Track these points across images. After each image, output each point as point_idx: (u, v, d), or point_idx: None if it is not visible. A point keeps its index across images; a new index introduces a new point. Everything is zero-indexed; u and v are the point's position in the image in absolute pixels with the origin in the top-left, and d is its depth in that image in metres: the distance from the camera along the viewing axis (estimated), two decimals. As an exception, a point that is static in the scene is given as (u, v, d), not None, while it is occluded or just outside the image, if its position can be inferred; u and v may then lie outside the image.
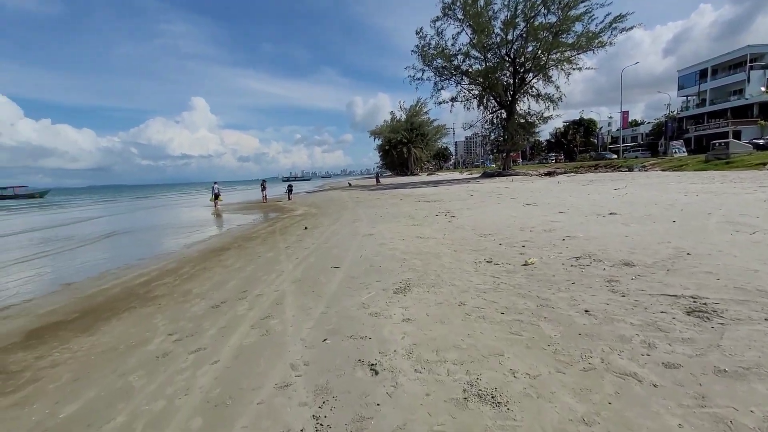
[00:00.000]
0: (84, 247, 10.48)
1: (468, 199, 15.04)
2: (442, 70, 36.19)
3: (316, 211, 15.95)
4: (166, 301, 4.93)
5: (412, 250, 6.16)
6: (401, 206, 14.27)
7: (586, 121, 72.53)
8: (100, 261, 8.43)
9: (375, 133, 78.03)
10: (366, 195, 23.83)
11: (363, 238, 7.81)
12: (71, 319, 4.60)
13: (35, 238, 13.23)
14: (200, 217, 18.28)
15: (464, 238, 6.94)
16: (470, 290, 3.96)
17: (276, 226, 12.00)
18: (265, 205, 23.51)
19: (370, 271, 5.14)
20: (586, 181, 18.89)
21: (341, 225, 10.32)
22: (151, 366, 2.98)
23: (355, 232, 8.77)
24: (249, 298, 4.54)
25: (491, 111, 36.75)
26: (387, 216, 11.37)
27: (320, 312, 3.70)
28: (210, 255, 8.04)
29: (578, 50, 30.63)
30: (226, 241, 9.77)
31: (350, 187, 40.22)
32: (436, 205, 13.44)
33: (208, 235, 11.46)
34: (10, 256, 9.47)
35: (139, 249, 9.92)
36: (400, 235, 7.66)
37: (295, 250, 7.39)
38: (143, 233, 13.26)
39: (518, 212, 9.64)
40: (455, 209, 11.57)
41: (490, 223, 8.25)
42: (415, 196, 18.76)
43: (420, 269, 4.97)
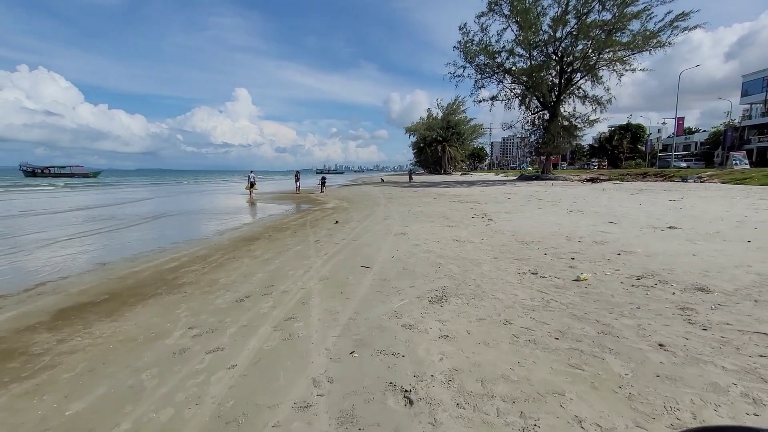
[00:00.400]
0: (124, 228, 10.79)
1: (505, 201, 14.33)
2: (483, 67, 35.10)
3: (348, 206, 15.77)
4: (192, 289, 4.80)
5: (448, 254, 5.74)
6: (435, 206, 13.79)
7: (633, 127, 68.34)
8: (136, 242, 8.59)
9: (410, 129, 77.40)
10: (398, 192, 23.47)
11: (395, 237, 7.46)
12: (99, 301, 4.56)
13: (81, 216, 13.87)
14: (236, 205, 18.61)
15: (504, 244, 6.43)
16: (516, 306, 3.51)
17: (307, 218, 11.89)
18: (298, 196, 23.69)
19: (402, 274, 4.78)
20: (635, 190, 17.57)
21: (373, 221, 10.02)
22: (166, 364, 2.78)
23: (387, 230, 8.44)
24: (274, 294, 4.30)
25: (533, 112, 35.26)
26: (420, 215, 10.96)
27: (348, 318, 3.38)
28: (240, 244, 7.97)
29: (633, 50, 28.66)
30: (257, 231, 9.73)
31: (383, 183, 40.01)
32: (471, 207, 12.87)
33: (241, 223, 11.52)
34: (58, 233, 9.88)
35: (175, 232, 10.08)
36: (434, 237, 7.24)
37: (324, 244, 7.15)
38: (181, 217, 13.57)
39: (562, 220, 8.94)
40: (492, 212, 10.97)
41: (532, 230, 7.66)
42: (449, 196, 18.19)
43: (457, 276, 4.55)
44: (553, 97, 33.09)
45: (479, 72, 35.49)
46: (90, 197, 24.64)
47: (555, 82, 33.03)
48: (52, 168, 73.46)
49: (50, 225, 11.42)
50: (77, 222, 12.20)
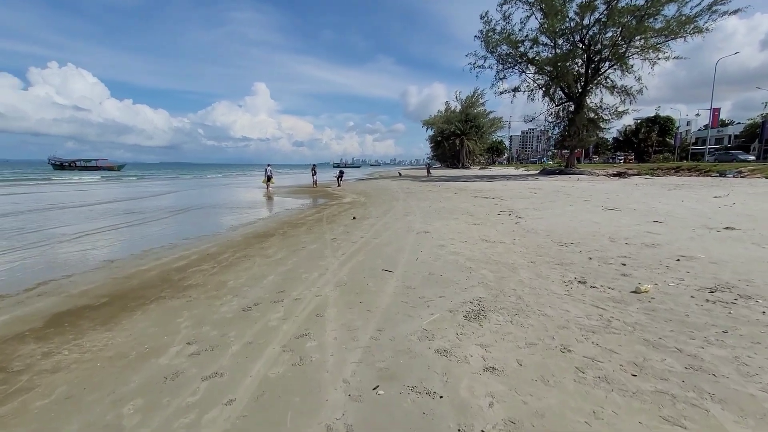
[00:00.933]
0: (139, 224, 10.58)
1: (531, 197, 13.55)
2: (506, 57, 33.86)
3: (365, 200, 15.26)
4: (198, 293, 4.38)
5: (479, 257, 5.15)
6: (456, 201, 13.14)
7: (662, 119, 65.26)
8: (148, 238, 8.31)
9: (428, 123, 76.20)
10: (417, 186, 22.84)
11: (418, 235, 6.90)
12: (98, 305, 4.18)
13: (100, 211, 13.82)
14: (252, 199, 18.37)
15: (540, 246, 5.79)
16: (571, 326, 2.92)
17: (323, 214, 11.45)
18: (315, 190, 23.34)
19: (429, 280, 4.23)
20: (671, 186, 16.45)
21: (392, 218, 9.47)
22: (155, 393, 2.32)
23: (408, 227, 7.88)
24: (285, 301, 3.83)
25: (557, 103, 33.85)
26: (442, 211, 10.35)
27: (369, 337, 2.87)
28: (253, 241, 7.57)
29: (667, 37, 26.94)
30: (272, 227, 9.33)
31: (400, 177, 39.37)
32: (495, 203, 12.17)
33: (255, 218, 11.16)
34: (74, 229, 9.73)
35: (188, 228, 9.79)
36: (461, 236, 6.65)
37: (341, 243, 6.66)
38: (196, 211, 13.35)
39: (599, 218, 8.19)
40: (520, 209, 10.26)
41: (569, 229, 6.97)
42: (470, 191, 17.46)
43: (493, 285, 3.97)
44: (578, 87, 31.65)
45: (501, 62, 34.28)
46: (112, 191, 24.93)
47: (581, 72, 31.56)
48: (78, 161, 75.72)
49: (68, 220, 11.34)
50: (95, 216, 12.09)
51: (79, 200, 17.18)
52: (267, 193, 21.94)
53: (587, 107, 31.55)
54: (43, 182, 32.79)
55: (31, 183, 31.35)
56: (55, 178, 39.09)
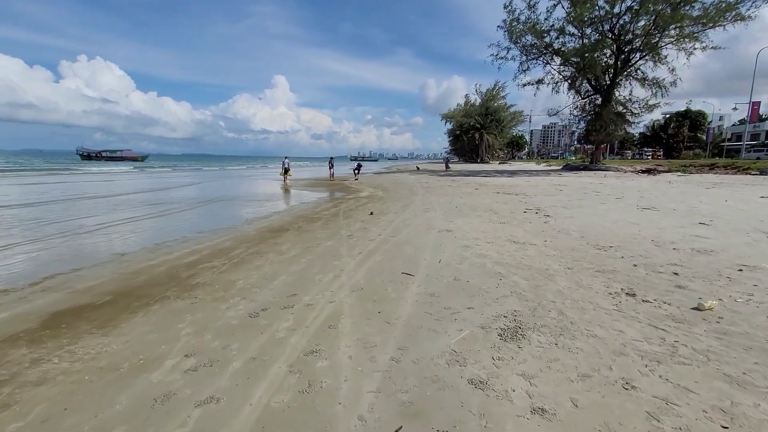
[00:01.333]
0: (154, 217, 10.49)
1: (557, 194, 12.86)
2: (530, 48, 32.66)
3: (383, 195, 14.86)
4: (204, 293, 4.09)
5: (509, 261, 4.68)
6: (478, 197, 12.58)
7: (693, 114, 62.14)
8: (162, 230, 8.15)
9: (447, 116, 74.95)
10: (436, 181, 22.27)
11: (440, 234, 6.46)
12: (100, 304, 3.94)
13: (119, 202, 13.89)
14: (269, 191, 18.23)
15: (575, 249, 5.27)
16: (629, 351, 2.46)
17: (340, 208, 11.12)
18: (332, 183, 23.08)
19: (455, 287, 3.81)
20: (710, 184, 15.40)
21: (412, 214, 9.04)
22: (140, 420, 2.00)
23: (428, 224, 7.44)
24: (296, 307, 3.48)
25: (584, 96, 32.48)
26: (464, 208, 9.85)
27: (389, 357, 2.47)
28: (267, 235, 7.29)
29: (705, 25, 25.28)
30: (287, 221, 9.05)
31: (418, 171, 38.76)
32: (520, 199, 11.56)
33: (272, 211, 10.92)
34: (92, 221, 9.71)
35: (203, 220, 9.61)
36: (486, 236, 6.18)
37: (358, 240, 6.29)
38: (213, 204, 13.24)
39: (637, 218, 7.55)
40: (547, 206, 9.66)
41: (605, 231, 6.39)
42: (492, 186, 16.82)
43: (528, 295, 3.52)
44: (607, 79, 30.24)
45: (524, 53, 33.12)
46: (137, 182, 25.32)
47: (609, 64, 30.11)
48: (104, 152, 77.91)
49: (89, 210, 11.37)
50: (114, 208, 12.11)
51: (104, 190, 17.41)
52: (284, 185, 21.81)
53: (615, 100, 30.14)
54: (68, 173, 33.70)
55: (62, 173, 32.24)
56: (84, 168, 40.13)
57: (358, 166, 27.12)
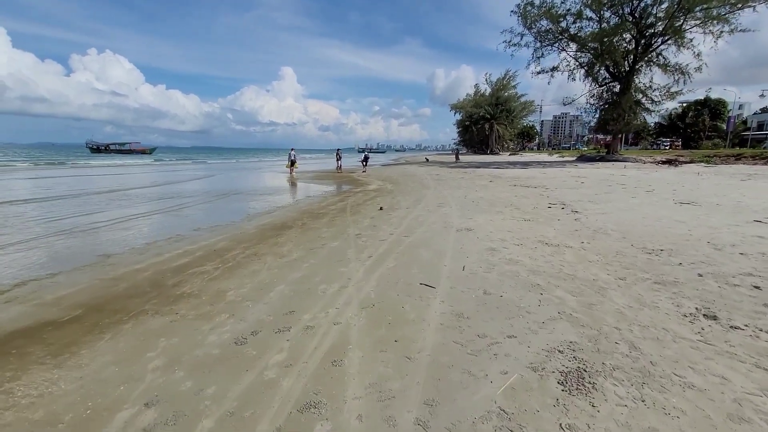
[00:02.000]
0: (151, 213, 9.95)
1: (579, 187, 12.02)
2: (544, 34, 31.31)
3: (392, 188, 14.15)
4: (188, 308, 3.47)
5: (546, 269, 3.97)
6: (494, 190, 11.81)
7: (712, 102, 59.79)
8: (157, 228, 7.57)
9: (456, 106, 73.55)
10: (447, 173, 21.46)
11: (459, 234, 5.76)
12: (65, 321, 3.34)
13: (120, 196, 13.40)
14: (274, 185, 17.63)
15: (620, 253, 4.53)
16: (750, 415, 1.75)
17: (347, 202, 10.45)
18: (339, 175, 22.40)
19: (486, 304, 3.12)
20: (743, 176, 14.38)
21: (425, 209, 8.34)
22: None
23: (445, 222, 6.74)
24: (293, 331, 2.83)
25: (601, 83, 31.11)
26: (481, 202, 9.11)
27: (413, 419, 1.81)
28: (268, 234, 6.66)
29: (734, 6, 23.77)
30: (291, 217, 8.41)
31: (427, 163, 37.87)
32: (540, 193, 10.77)
33: (275, 206, 10.31)
34: (88, 219, 9.20)
35: (202, 216, 9.03)
36: (513, 236, 5.46)
37: (367, 241, 5.62)
38: (216, 197, 12.67)
39: (679, 214, 6.75)
40: (572, 201, 8.87)
41: (649, 230, 5.62)
42: (507, 179, 15.99)
43: (582, 318, 2.82)
44: (626, 66, 28.85)
45: (539, 40, 31.78)
46: (138, 176, 24.95)
47: (629, 49, 28.70)
48: (112, 145, 78.16)
49: (87, 206, 10.88)
50: (111, 203, 11.61)
51: (107, 184, 16.98)
52: (291, 178, 21.23)
53: (635, 87, 28.78)
54: (78, 165, 33.54)
55: (69, 166, 32.09)
56: (94, 162, 39.89)
57: (365, 158, 26.39)
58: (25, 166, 29.69)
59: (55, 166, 31.33)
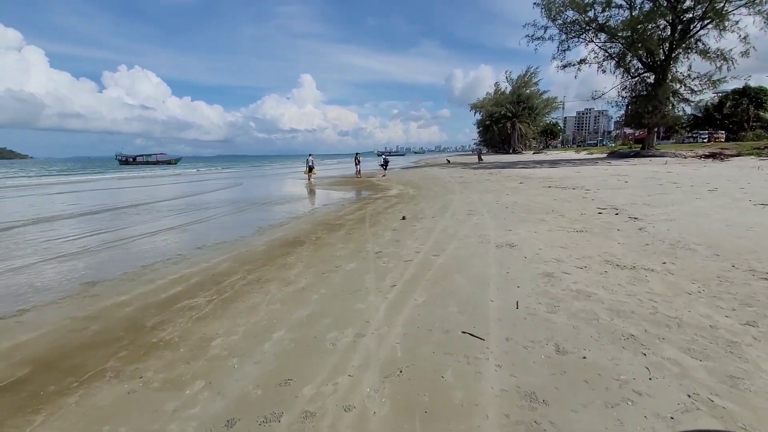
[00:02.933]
0: (152, 232, 9.38)
1: (625, 187, 10.71)
2: (570, 25, 29.68)
3: (414, 193, 13.20)
4: (157, 368, 2.64)
5: (632, 307, 2.92)
6: (528, 193, 10.66)
7: (753, 90, 55.76)
8: (158, 247, 6.91)
9: (476, 106, 71.86)
10: (471, 174, 20.30)
11: (500, 252, 4.75)
12: (1, 387, 2.59)
13: (129, 212, 13.03)
14: (291, 192, 17.00)
15: (722, 277, 3.42)
16: None
17: (366, 211, 9.59)
18: (358, 181, 21.61)
19: (566, 373, 2.13)
20: (814, 168, 12.65)
21: (453, 219, 7.35)
22: None
23: (480, 235, 5.74)
24: (284, 422, 1.94)
25: (633, 74, 29.14)
26: (517, 209, 8.03)
27: None
28: (277, 252, 5.86)
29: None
30: (304, 230, 7.61)
31: (449, 165, 36.67)
32: (582, 195, 9.57)
33: (290, 216, 9.56)
34: (98, 239, 8.70)
35: (211, 230, 8.36)
36: (570, 254, 4.40)
37: (389, 261, 4.71)
38: (229, 208, 12.07)
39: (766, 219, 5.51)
40: (625, 204, 7.68)
41: (745, 243, 4.44)
42: (538, 179, 14.74)
43: (733, 408, 1.80)
44: (661, 54, 26.87)
45: (564, 32, 30.18)
46: (159, 189, 24.99)
47: (664, 36, 26.71)
48: (139, 156, 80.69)
49: (93, 225, 10.48)
50: (123, 219, 11.19)
51: (126, 198, 16.81)
52: (309, 184, 20.65)
53: (672, 77, 26.75)
54: (107, 178, 34.25)
55: (98, 179, 32.79)
56: (123, 174, 40.77)
57: (384, 162, 25.50)
58: (54, 181, 30.47)
59: (80, 181, 32.03)
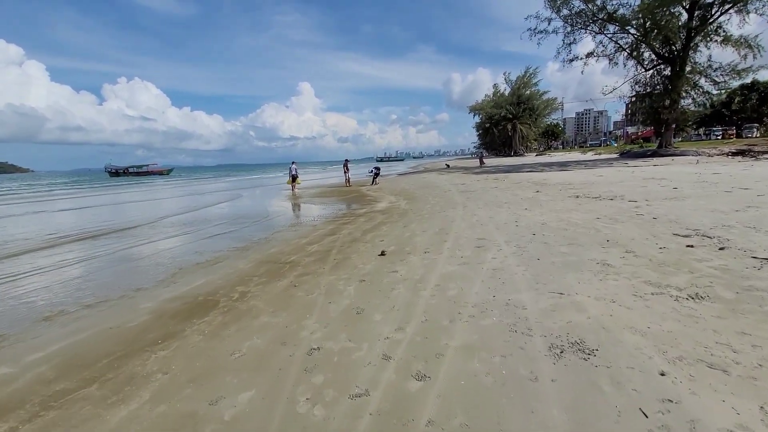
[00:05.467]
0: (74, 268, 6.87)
1: (683, 197, 8.18)
2: (575, 17, 27.35)
3: (407, 206, 10.68)
4: None
5: None
6: (553, 207, 8.13)
7: (761, 85, 53.64)
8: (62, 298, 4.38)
9: (475, 108, 69.69)
10: (473, 181, 17.78)
11: (567, 376, 2.22)
12: None
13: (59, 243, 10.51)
14: (262, 207, 14.46)
15: None
16: None
17: (339, 236, 7.08)
18: (346, 190, 19.08)
19: None
20: None
21: (456, 257, 4.81)
22: None
23: (507, 307, 3.18)
24: None
25: (647, 67, 26.73)
26: (552, 237, 5.49)
27: None
28: (153, 335, 3.34)
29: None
30: (235, 274, 5.10)
31: (448, 169, 34.18)
32: (631, 210, 7.05)
33: (231, 248, 7.05)
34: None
35: (101, 277, 5.86)
36: (696, 355, 1.88)
37: (335, 376, 2.17)
38: (160, 231, 9.56)
39: None
40: (714, 227, 5.14)
41: None
42: (556, 186, 12.21)
43: None
44: (678, 42, 24.46)
45: (570, 23, 27.88)
46: (115, 208, 22.52)
47: (679, 24, 24.34)
48: (130, 168, 78.46)
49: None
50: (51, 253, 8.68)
51: (81, 222, 14.31)
52: (293, 194, 18.30)
53: (692, 68, 24.34)
54: (94, 193, 31.82)
55: (84, 195, 30.37)
56: (112, 185, 38.28)
57: (375, 173, 22.15)
58: (33, 197, 28.05)
59: (62, 196, 29.60)
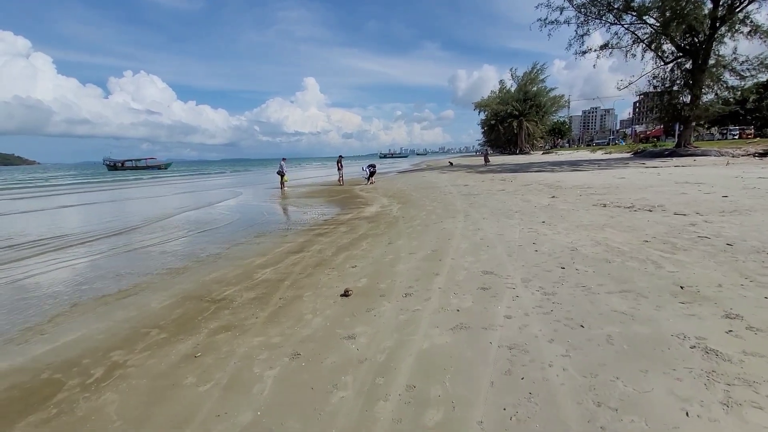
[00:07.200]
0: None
1: (741, 210, 6.58)
2: (589, 6, 25.51)
3: (399, 212, 9.10)
4: None
5: None
6: (579, 220, 6.51)
7: (779, 82, 51.34)
8: None
9: (480, 105, 67.66)
10: (478, 181, 16.14)
11: None
12: None
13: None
14: (236, 209, 12.93)
15: None
16: None
17: (302, 257, 5.53)
18: (337, 190, 17.47)
19: None
20: None
21: (453, 298, 3.24)
22: None
23: None
24: None
25: (667, 60, 24.89)
26: (590, 273, 3.91)
27: None
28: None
29: None
30: (123, 327, 3.57)
31: (451, 167, 32.49)
32: (684, 226, 5.44)
33: (159, 269, 5.53)
34: None
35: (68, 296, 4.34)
36: None
37: None
38: (86, 250, 8.04)
39: None
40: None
41: None
42: (573, 190, 10.57)
43: None
44: (703, 34, 22.63)
45: (582, 14, 26.06)
46: (121, 205, 21.09)
47: (703, 14, 22.49)
48: (127, 161, 77.38)
49: None
50: None
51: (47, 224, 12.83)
52: (282, 193, 16.91)
53: (717, 61, 22.52)
54: (85, 189, 30.48)
55: (76, 190, 29.03)
56: (107, 179, 36.98)
57: (371, 171, 19.93)
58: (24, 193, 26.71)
59: (68, 190, 28.26)
